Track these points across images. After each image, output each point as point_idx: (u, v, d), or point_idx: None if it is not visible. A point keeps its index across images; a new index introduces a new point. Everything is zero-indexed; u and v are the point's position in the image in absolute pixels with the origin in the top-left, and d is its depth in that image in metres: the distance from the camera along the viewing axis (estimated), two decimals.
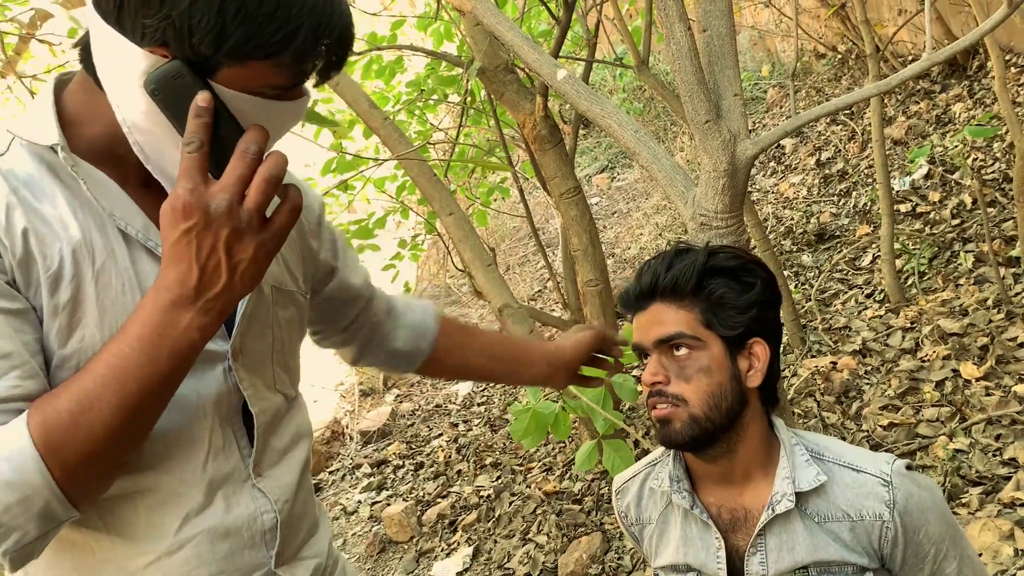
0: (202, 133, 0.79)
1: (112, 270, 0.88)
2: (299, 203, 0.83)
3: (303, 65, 0.84)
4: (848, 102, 1.21)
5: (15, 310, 0.82)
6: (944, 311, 3.16)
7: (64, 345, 0.85)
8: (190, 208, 0.77)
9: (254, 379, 1.01)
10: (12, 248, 0.83)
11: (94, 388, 0.79)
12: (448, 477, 4.08)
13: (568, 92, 1.47)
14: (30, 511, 0.77)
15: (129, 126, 0.85)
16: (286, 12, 0.79)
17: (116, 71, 0.83)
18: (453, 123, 4.86)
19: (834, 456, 1.19)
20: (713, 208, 1.31)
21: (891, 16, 5.55)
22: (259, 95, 0.85)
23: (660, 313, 1.18)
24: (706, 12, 1.32)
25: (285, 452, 1.06)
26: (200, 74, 0.81)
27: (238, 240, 0.79)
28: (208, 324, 0.82)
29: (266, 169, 0.79)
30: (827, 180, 5.14)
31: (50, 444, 0.77)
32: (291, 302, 1.10)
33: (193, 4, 0.76)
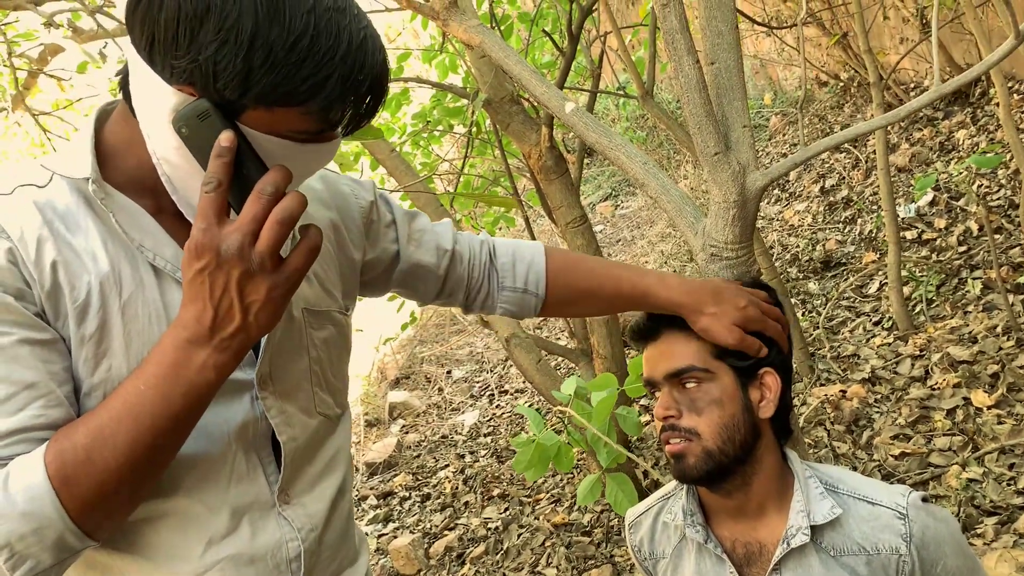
0: (221, 173, 0.78)
1: (139, 301, 0.89)
2: (317, 243, 0.82)
3: (331, 114, 0.83)
4: (858, 132, 1.22)
5: (43, 340, 0.83)
6: (953, 338, 3.15)
7: (92, 374, 0.86)
8: (202, 248, 0.77)
9: (285, 405, 1.00)
10: (41, 280, 0.84)
11: (109, 424, 0.80)
12: (455, 509, 4.04)
13: (576, 124, 1.48)
14: (44, 541, 0.78)
15: (159, 158, 0.87)
16: (315, 61, 0.78)
17: (148, 104, 0.84)
18: (458, 154, 4.89)
19: (849, 488, 1.18)
20: (723, 239, 1.31)
21: (892, 45, 5.59)
22: (287, 138, 0.84)
23: (671, 344, 1.17)
24: (714, 45, 1.32)
25: (319, 479, 1.05)
26: (227, 114, 0.81)
27: (249, 281, 0.79)
28: (225, 363, 0.82)
29: (280, 211, 0.78)
30: (832, 207, 5.15)
31: (64, 478, 0.78)
32: (328, 321, 1.09)
33: (220, 49, 0.76)
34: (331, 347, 1.09)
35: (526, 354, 3.04)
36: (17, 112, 4.15)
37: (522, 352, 3.04)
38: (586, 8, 2.89)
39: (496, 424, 5.03)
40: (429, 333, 7.71)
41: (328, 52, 0.78)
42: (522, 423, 4.77)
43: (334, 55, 0.79)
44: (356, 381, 6.61)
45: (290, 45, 0.77)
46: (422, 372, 6.63)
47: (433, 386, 6.25)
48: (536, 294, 1.30)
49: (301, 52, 0.77)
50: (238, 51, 0.76)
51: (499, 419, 5.09)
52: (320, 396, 1.06)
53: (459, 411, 5.60)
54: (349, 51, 0.80)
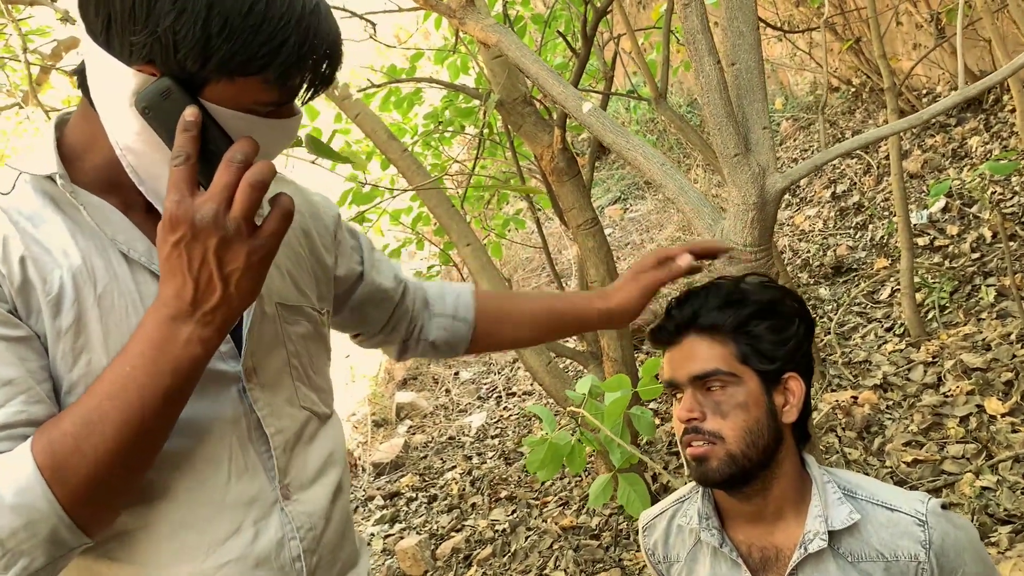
0: (189, 146, 0.78)
1: (115, 292, 0.88)
2: (290, 208, 0.82)
3: (290, 80, 0.84)
4: (880, 136, 1.21)
5: (17, 337, 0.82)
6: (967, 345, 3.13)
7: (71, 369, 0.85)
8: (177, 220, 0.77)
9: (271, 398, 0.99)
10: (10, 276, 0.83)
11: (97, 408, 0.79)
12: (462, 510, 4.04)
13: (594, 125, 1.47)
14: (36, 536, 0.76)
15: (122, 148, 0.86)
16: (271, 27, 0.79)
17: (108, 93, 0.83)
18: (469, 155, 4.89)
19: (867, 494, 1.16)
20: (742, 241, 1.30)
21: (905, 51, 5.57)
22: (250, 112, 0.85)
23: (694, 347, 1.16)
24: (734, 46, 1.32)
25: (316, 477, 1.03)
26: (189, 91, 0.81)
27: (227, 249, 0.78)
28: (209, 336, 0.81)
29: (251, 174, 0.78)
30: (843, 213, 5.13)
31: (54, 467, 0.76)
32: (302, 316, 1.08)
33: (178, 19, 0.77)
34: (308, 343, 1.08)
35: (536, 356, 3.03)
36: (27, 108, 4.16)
37: (532, 354, 3.03)
38: (601, 10, 2.88)
39: (504, 426, 5.02)
40: None
41: (283, 16, 0.80)
42: (529, 425, 4.76)
43: (289, 19, 0.80)
44: (363, 381, 6.61)
45: (246, 11, 0.78)
46: (429, 373, 6.63)
47: (440, 387, 6.25)
48: (466, 320, 1.34)
49: (257, 17, 0.78)
50: (195, 19, 0.77)
51: (507, 421, 5.08)
52: (303, 391, 1.05)
53: (466, 412, 5.59)
54: (303, 15, 0.81)
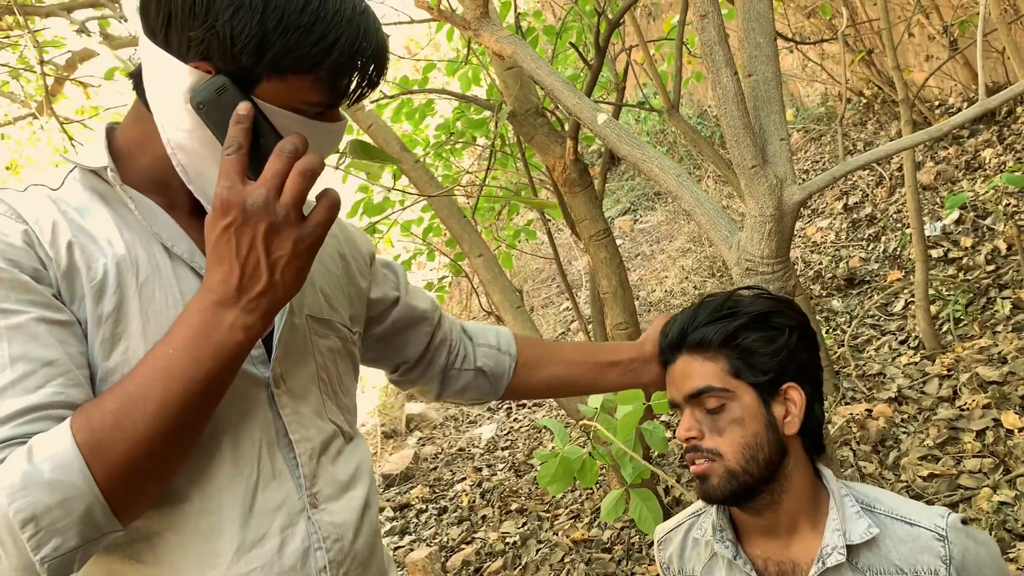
0: (241, 137, 0.81)
1: (156, 283, 0.89)
2: (337, 200, 0.84)
3: (340, 80, 0.88)
4: (900, 147, 1.20)
5: (60, 321, 0.83)
6: (982, 359, 3.10)
7: (108, 357, 0.86)
8: (228, 205, 0.79)
9: (299, 406, 0.99)
10: (57, 260, 0.84)
11: (139, 389, 0.79)
12: (472, 523, 4.02)
13: (609, 136, 1.46)
14: (71, 515, 0.75)
15: (173, 147, 0.88)
16: (324, 24, 0.83)
17: (163, 91, 0.86)
18: (480, 166, 4.89)
19: (886, 508, 1.15)
20: (759, 253, 1.29)
21: (917, 62, 5.56)
22: (299, 112, 0.88)
23: (688, 366, 1.16)
24: (752, 57, 1.31)
25: (345, 488, 1.03)
26: (243, 88, 0.84)
27: (275, 235, 0.80)
28: (252, 323, 0.82)
29: (302, 164, 0.80)
30: (855, 224, 5.11)
31: (93, 444, 0.76)
32: (332, 331, 1.09)
33: (236, 14, 0.81)
34: (337, 358, 1.09)
35: None
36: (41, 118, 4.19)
37: None
38: (613, 21, 2.88)
39: (514, 438, 5.01)
40: None
41: (336, 15, 0.84)
42: (540, 437, 4.75)
43: (341, 18, 0.84)
44: (373, 392, 6.61)
45: (300, 8, 0.82)
46: None
47: None
48: (509, 352, 1.35)
49: (311, 15, 0.82)
50: (253, 15, 0.81)
51: (517, 433, 5.07)
52: (330, 405, 1.05)
53: (476, 424, 5.58)
54: (354, 16, 0.86)
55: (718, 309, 1.17)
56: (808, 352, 1.18)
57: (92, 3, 2.81)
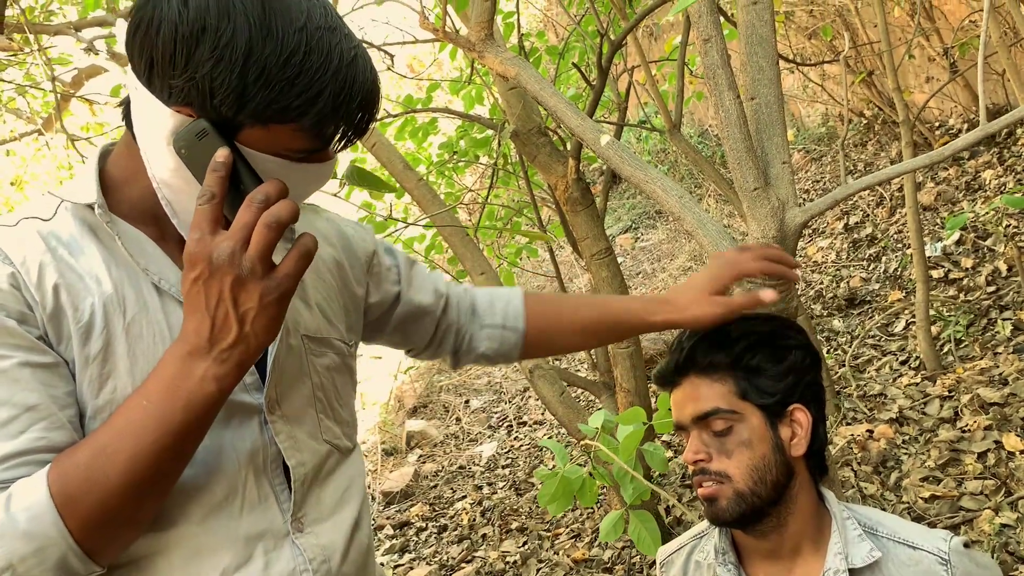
0: (216, 186, 0.80)
1: (144, 321, 0.89)
2: (309, 249, 0.82)
3: (324, 130, 0.86)
4: (901, 171, 1.21)
5: (44, 364, 0.83)
6: (983, 380, 3.10)
7: (97, 396, 0.86)
8: (196, 257, 0.79)
9: (294, 430, 1.00)
10: (43, 303, 0.84)
11: (111, 441, 0.79)
12: (473, 541, 4.00)
13: (612, 157, 1.47)
14: (45, 563, 0.76)
15: (159, 182, 0.89)
16: (307, 78, 0.81)
17: (148, 130, 0.86)
18: (482, 184, 4.91)
19: (888, 531, 1.15)
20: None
21: (917, 84, 5.59)
22: (283, 157, 0.86)
23: (695, 388, 1.16)
24: (754, 80, 1.32)
25: (334, 510, 1.03)
26: (224, 133, 0.83)
27: (242, 288, 0.79)
28: (224, 374, 0.81)
29: (268, 216, 0.78)
30: (856, 244, 5.12)
31: (66, 496, 0.77)
32: (329, 348, 1.09)
33: (216, 66, 0.79)
34: (334, 375, 1.09)
35: (549, 386, 3.02)
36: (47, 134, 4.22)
37: (545, 383, 3.02)
38: (616, 43, 2.90)
39: (514, 456, 4.99)
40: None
41: (320, 68, 0.81)
42: (541, 455, 4.73)
43: (326, 71, 0.81)
44: (374, 409, 6.60)
45: (283, 62, 0.79)
46: (440, 401, 6.61)
47: (451, 416, 6.23)
48: (516, 328, 1.32)
49: (294, 68, 0.80)
50: (233, 68, 0.79)
51: (517, 451, 5.06)
52: (326, 424, 1.05)
53: (477, 442, 5.57)
54: (340, 67, 0.83)
55: (724, 331, 1.17)
56: (813, 373, 1.19)
57: (100, 22, 2.84)
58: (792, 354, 1.16)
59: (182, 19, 0.79)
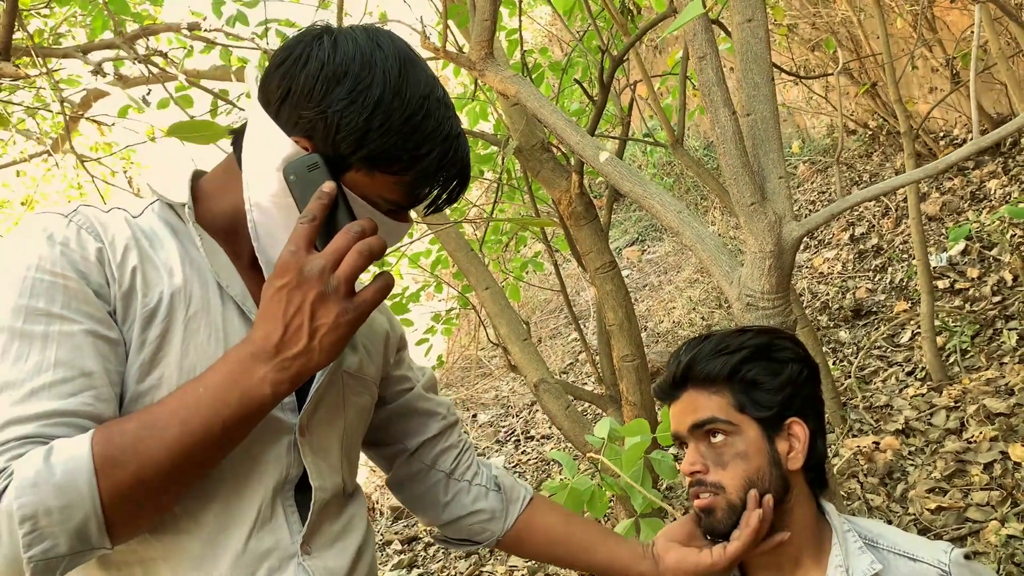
0: (318, 210, 0.87)
1: (203, 319, 0.94)
2: (389, 284, 0.89)
3: (421, 188, 0.96)
4: (896, 185, 1.22)
5: (109, 338, 0.88)
6: (989, 390, 3.10)
7: (143, 380, 0.90)
8: (287, 266, 0.84)
9: (318, 459, 1.03)
10: (120, 280, 0.90)
11: (161, 417, 0.83)
12: (480, 556, 4.00)
13: (611, 174, 1.49)
14: (67, 522, 0.78)
15: (252, 204, 0.95)
16: (422, 136, 0.92)
17: (260, 153, 0.93)
18: (487, 199, 4.93)
19: (889, 544, 1.16)
20: (759, 289, 1.31)
21: (921, 94, 5.60)
22: (373, 204, 0.95)
23: (694, 400, 1.17)
24: (750, 97, 1.34)
25: (339, 536, 1.06)
26: (332, 170, 0.91)
27: (322, 303, 0.84)
28: (281, 381, 0.85)
29: (362, 244, 0.85)
30: (862, 255, 5.12)
31: (107, 458, 0.79)
32: (365, 391, 1.14)
33: (348, 107, 0.89)
34: (360, 417, 1.14)
35: (554, 400, 3.03)
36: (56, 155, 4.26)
37: (550, 397, 3.03)
38: (618, 58, 2.93)
39: (522, 470, 4.99)
40: (455, 376, 7.71)
41: (433, 132, 0.93)
42: (548, 469, 4.73)
43: (437, 136, 0.93)
44: None
45: (405, 118, 0.91)
46: None
47: None
48: (525, 487, 1.35)
49: (412, 125, 0.91)
50: (362, 111, 0.89)
51: (525, 465, 5.05)
52: (345, 462, 1.10)
53: (485, 456, 5.56)
54: (449, 136, 0.95)
55: (721, 344, 1.18)
56: (811, 386, 1.19)
57: (107, 45, 2.87)
58: (789, 367, 1.16)
59: (330, 60, 0.90)
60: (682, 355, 1.20)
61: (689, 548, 1.19)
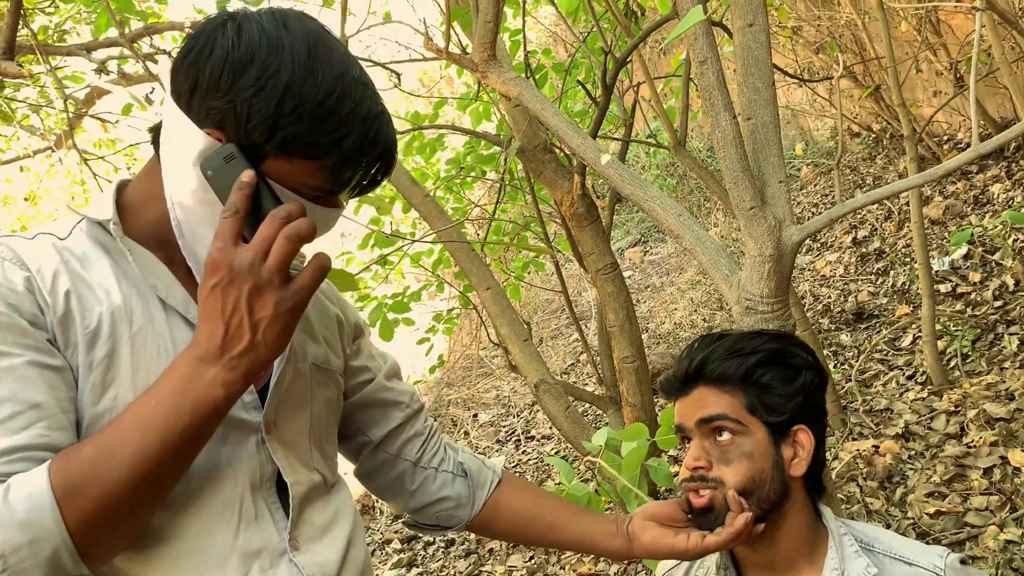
0: (240, 203, 0.85)
1: (149, 333, 0.92)
2: (325, 265, 0.86)
3: (342, 173, 0.92)
4: (896, 190, 1.22)
5: (52, 366, 0.85)
6: (990, 395, 3.09)
7: (97, 402, 0.88)
8: (216, 265, 0.82)
9: (288, 453, 1.02)
10: (54, 307, 0.87)
11: (118, 437, 0.82)
12: (480, 556, 4.01)
13: (612, 176, 1.49)
14: (37, 555, 0.77)
15: (174, 202, 0.92)
16: (338, 119, 0.88)
17: (175, 150, 0.90)
18: (489, 199, 4.94)
19: (885, 548, 1.16)
20: (759, 292, 1.31)
21: (925, 97, 5.59)
22: (297, 192, 0.91)
23: (703, 397, 1.17)
24: (751, 102, 1.34)
25: (326, 530, 1.05)
26: (250, 159, 0.88)
27: (258, 296, 0.82)
28: (232, 381, 0.84)
29: (289, 229, 0.83)
30: (864, 258, 5.12)
31: (67, 488, 0.78)
32: (332, 382, 1.13)
33: (256, 94, 0.85)
34: (329, 409, 1.12)
35: (555, 400, 3.03)
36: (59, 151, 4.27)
37: (551, 398, 3.03)
38: (620, 60, 2.93)
39: (523, 470, 4.99)
40: (456, 375, 7.72)
41: (350, 114, 0.88)
42: (549, 470, 4.73)
43: (354, 118, 0.89)
44: None
45: (318, 101, 0.86)
46: (448, 415, 6.62)
47: (459, 430, 6.24)
48: (493, 470, 1.33)
49: (327, 109, 0.87)
50: (271, 97, 0.85)
51: (525, 465, 5.06)
52: (315, 454, 1.08)
53: (485, 455, 5.57)
54: (368, 117, 0.90)
55: (737, 345, 1.18)
56: (820, 395, 1.20)
57: (111, 43, 2.88)
58: (803, 374, 1.17)
59: (234, 48, 0.86)
60: (695, 352, 1.20)
61: (666, 529, 1.17)
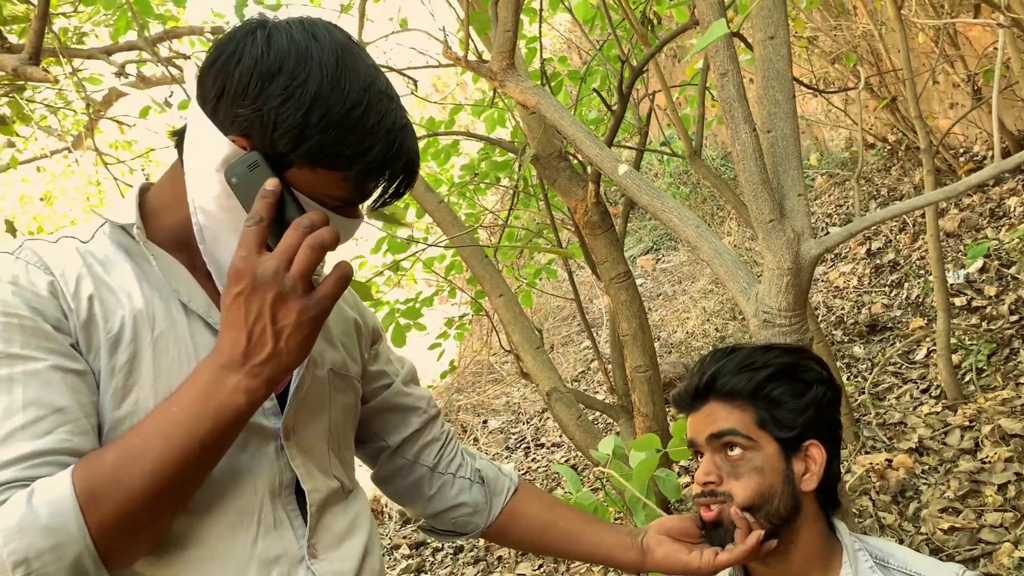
0: (264, 211, 0.85)
1: (171, 338, 0.93)
2: (347, 274, 0.87)
3: (366, 184, 0.93)
4: (915, 206, 1.22)
5: (75, 370, 0.86)
6: (1005, 410, 3.07)
7: (118, 407, 0.88)
8: (240, 273, 0.83)
9: (307, 460, 1.02)
10: (77, 311, 0.88)
11: (140, 443, 0.82)
12: (488, 563, 4.00)
13: (629, 186, 1.49)
14: (61, 560, 0.77)
15: (197, 207, 0.92)
16: (362, 131, 0.88)
17: (199, 156, 0.90)
18: (503, 205, 4.94)
19: (900, 563, 1.15)
20: (776, 306, 1.31)
21: (942, 109, 5.57)
22: (319, 202, 0.92)
23: (714, 412, 1.17)
24: (771, 114, 1.34)
25: (343, 537, 1.05)
26: (274, 168, 0.88)
27: (282, 304, 0.83)
28: (255, 388, 0.84)
29: (312, 238, 0.83)
30: (878, 270, 5.09)
31: (90, 494, 0.79)
32: (350, 388, 1.13)
33: (284, 103, 0.85)
34: (347, 415, 1.13)
35: (566, 409, 3.03)
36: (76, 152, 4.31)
37: (562, 407, 3.03)
38: (637, 69, 2.93)
39: (532, 478, 4.98)
40: (466, 381, 7.71)
41: (375, 126, 0.89)
42: (559, 478, 4.72)
43: (380, 129, 0.89)
44: None
45: (344, 112, 0.87)
46: (458, 421, 6.61)
47: (469, 436, 6.23)
48: (511, 478, 1.34)
49: (353, 120, 0.87)
50: (299, 107, 0.85)
51: (535, 473, 5.05)
52: (334, 461, 1.08)
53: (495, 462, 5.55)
54: (393, 129, 0.91)
55: (747, 360, 1.18)
56: (833, 410, 1.19)
57: (130, 47, 2.91)
58: (814, 389, 1.16)
59: (263, 56, 0.86)
60: (706, 366, 1.19)
61: (680, 544, 1.18)
